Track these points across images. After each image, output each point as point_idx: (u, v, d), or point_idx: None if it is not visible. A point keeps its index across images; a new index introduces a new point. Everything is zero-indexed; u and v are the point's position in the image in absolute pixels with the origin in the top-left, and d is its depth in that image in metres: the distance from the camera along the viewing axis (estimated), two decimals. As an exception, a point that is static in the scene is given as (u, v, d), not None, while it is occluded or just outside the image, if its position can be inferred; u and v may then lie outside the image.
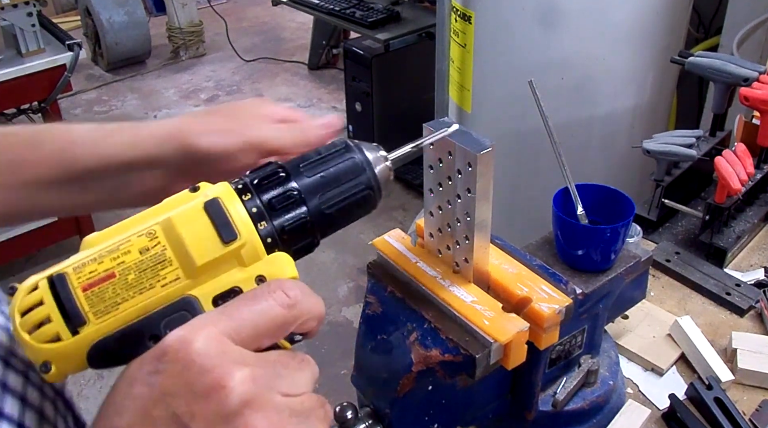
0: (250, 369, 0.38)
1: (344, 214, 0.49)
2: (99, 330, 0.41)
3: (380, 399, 0.67)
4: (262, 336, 0.41)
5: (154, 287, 0.42)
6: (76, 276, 0.42)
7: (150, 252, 0.42)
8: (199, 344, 0.38)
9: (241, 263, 0.44)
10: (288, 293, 0.41)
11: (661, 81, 1.71)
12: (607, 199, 0.78)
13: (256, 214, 0.44)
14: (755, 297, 1.01)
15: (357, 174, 0.49)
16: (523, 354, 0.65)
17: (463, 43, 1.71)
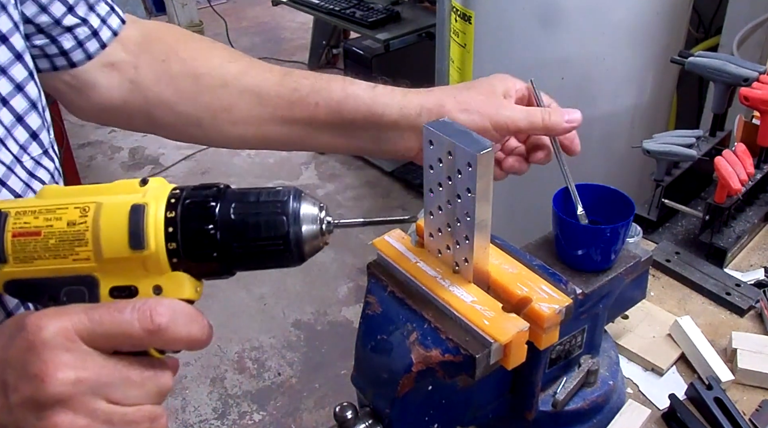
0: (77, 374, 0.42)
1: (253, 260, 0.50)
2: (13, 273, 0.47)
3: (380, 399, 0.67)
4: (117, 345, 0.44)
5: (66, 258, 0.47)
6: (14, 220, 0.47)
7: (75, 227, 0.47)
8: (48, 333, 0.42)
9: (145, 269, 0.48)
10: (155, 318, 0.44)
11: (661, 81, 1.71)
12: (607, 199, 0.78)
13: (171, 233, 0.48)
14: (755, 297, 1.01)
15: (277, 231, 0.49)
16: (523, 354, 0.65)
17: (463, 43, 1.71)
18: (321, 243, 0.52)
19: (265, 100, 0.79)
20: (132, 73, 0.79)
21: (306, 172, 3.41)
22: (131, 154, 3.60)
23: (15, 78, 0.63)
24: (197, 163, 3.49)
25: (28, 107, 0.64)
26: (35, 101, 0.65)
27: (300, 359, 2.39)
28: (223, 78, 0.79)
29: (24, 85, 0.64)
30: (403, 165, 3.22)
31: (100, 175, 3.40)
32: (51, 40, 0.72)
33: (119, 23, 0.78)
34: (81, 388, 0.42)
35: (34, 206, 0.48)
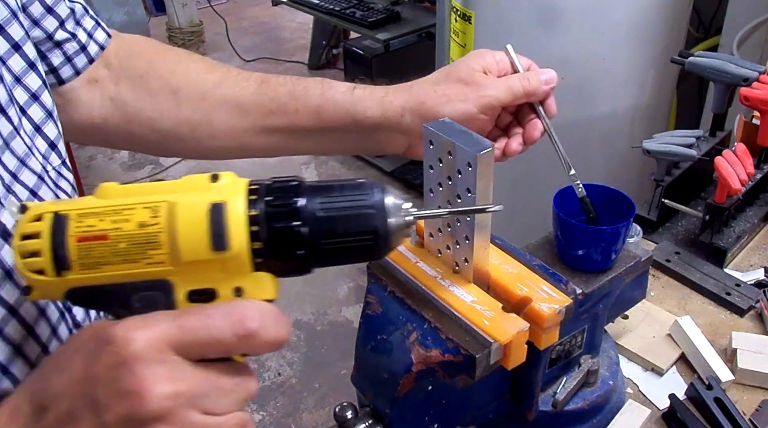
0: (174, 387, 0.40)
1: (341, 256, 0.48)
2: (79, 280, 0.44)
3: (380, 399, 0.67)
4: (206, 353, 0.42)
5: (138, 262, 0.43)
6: (76, 223, 0.43)
7: (146, 229, 0.43)
8: (139, 347, 0.39)
9: (226, 270, 0.44)
10: (246, 323, 0.42)
11: (661, 81, 1.71)
12: (607, 199, 0.78)
13: (255, 232, 0.44)
14: (755, 297, 1.01)
15: (366, 225, 0.47)
16: (523, 354, 0.65)
17: (463, 43, 1.71)
18: (406, 234, 0.49)
19: (244, 110, 0.78)
20: (112, 89, 0.77)
21: (306, 172, 3.41)
22: (131, 154, 3.59)
23: (30, 87, 0.62)
24: (197, 164, 3.49)
25: (45, 117, 0.63)
26: (51, 110, 0.64)
27: (300, 359, 2.39)
28: (200, 90, 0.78)
29: (39, 94, 0.63)
30: (403, 165, 3.22)
31: (100, 176, 3.39)
32: (41, 56, 0.70)
33: (105, 37, 0.77)
34: (179, 402, 0.40)
35: (96, 207, 0.44)
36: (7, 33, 0.60)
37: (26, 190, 0.58)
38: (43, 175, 0.60)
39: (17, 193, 0.56)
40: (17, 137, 0.58)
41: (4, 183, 0.55)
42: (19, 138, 0.58)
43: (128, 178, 3.35)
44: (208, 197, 0.44)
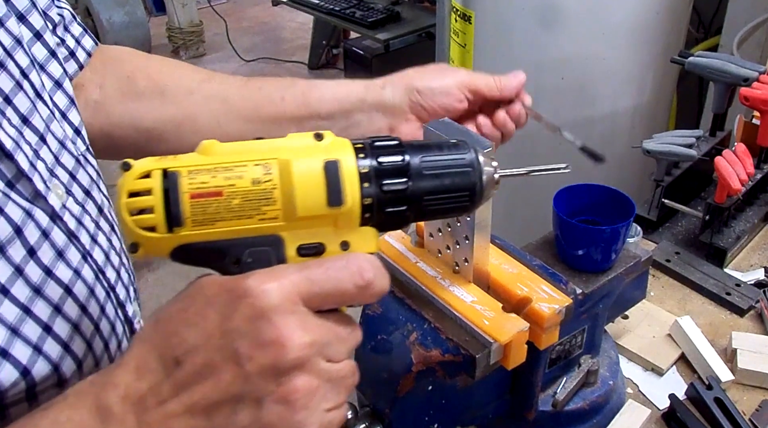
0: (309, 336, 0.41)
1: (440, 212, 0.50)
2: (191, 236, 0.44)
3: (380, 399, 0.67)
4: (328, 303, 0.44)
5: (252, 218, 0.44)
6: (188, 180, 0.44)
7: (261, 185, 0.44)
8: (274, 297, 0.41)
9: (335, 225, 0.46)
10: (364, 274, 0.44)
11: (661, 81, 1.71)
12: (607, 199, 0.78)
13: (366, 188, 0.46)
14: (755, 297, 1.01)
15: (465, 181, 0.49)
16: (523, 354, 0.65)
17: (463, 43, 1.71)
18: (494, 191, 0.52)
19: (230, 103, 0.78)
20: (97, 93, 0.77)
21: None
22: (131, 154, 3.59)
23: (53, 75, 0.63)
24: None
25: (68, 104, 0.64)
26: (72, 98, 0.65)
27: (300, 359, 2.38)
28: (187, 87, 0.78)
29: (62, 81, 0.64)
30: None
31: (100, 175, 3.39)
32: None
33: (92, 44, 0.77)
34: (313, 350, 0.41)
35: (205, 164, 0.44)
36: (29, 22, 0.61)
37: (66, 173, 0.58)
38: (79, 158, 0.61)
39: (59, 176, 0.57)
40: (54, 121, 0.59)
41: (47, 166, 0.56)
42: (56, 122, 0.60)
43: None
44: (321, 155, 0.45)
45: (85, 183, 0.61)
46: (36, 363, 0.49)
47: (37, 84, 0.58)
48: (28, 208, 0.50)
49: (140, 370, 0.41)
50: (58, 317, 0.51)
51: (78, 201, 0.58)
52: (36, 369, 0.48)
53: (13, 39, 0.57)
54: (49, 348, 0.50)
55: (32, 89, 0.57)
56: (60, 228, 0.53)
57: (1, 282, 0.47)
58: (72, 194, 0.58)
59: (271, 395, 0.40)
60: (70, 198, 0.57)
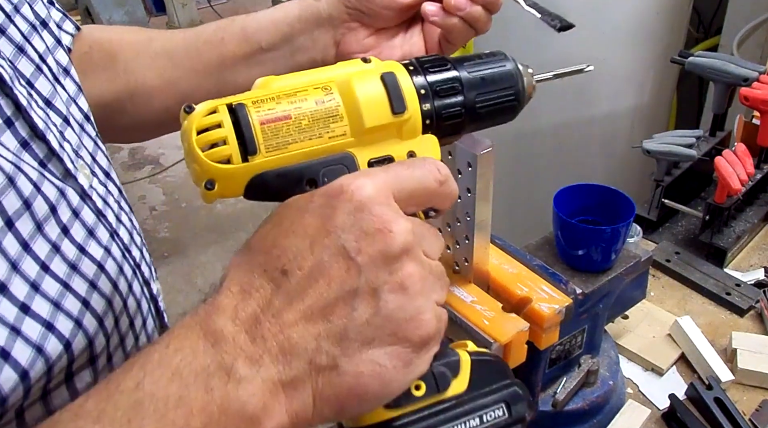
0: (410, 223, 0.41)
1: (491, 115, 0.52)
2: (266, 163, 0.44)
3: (380, 399, 0.67)
4: (414, 201, 0.44)
5: (322, 136, 0.45)
6: (255, 109, 0.45)
7: (325, 104, 0.45)
8: (370, 190, 0.41)
9: (400, 136, 0.48)
10: (441, 170, 0.45)
11: (661, 81, 1.71)
12: (607, 199, 0.78)
13: (423, 95, 0.48)
14: (755, 297, 1.01)
15: (510, 83, 0.52)
16: (523, 354, 0.65)
17: (463, 43, 1.71)
18: (532, 94, 0.54)
19: (176, 57, 0.75)
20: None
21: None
22: (131, 154, 3.60)
23: (61, 62, 0.63)
24: (197, 163, 3.48)
25: (77, 90, 0.64)
26: (80, 85, 0.65)
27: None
28: (135, 49, 0.76)
29: (69, 68, 0.64)
30: (403, 165, 3.22)
31: (100, 175, 3.39)
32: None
33: (74, 27, 0.76)
34: (416, 238, 0.41)
35: (267, 94, 0.45)
36: (36, 11, 0.61)
37: (89, 154, 0.59)
38: (96, 140, 0.61)
39: (84, 157, 0.57)
40: (72, 104, 0.60)
41: (73, 147, 0.56)
42: (75, 106, 0.60)
43: (128, 178, 3.35)
44: (375, 70, 0.47)
45: (104, 165, 0.61)
46: (76, 336, 0.49)
47: (54, 68, 0.59)
48: (61, 187, 0.50)
49: (246, 291, 0.40)
50: (94, 293, 0.51)
51: (101, 181, 0.59)
52: (75, 344, 0.48)
53: (29, 24, 0.57)
54: (88, 323, 0.50)
55: (51, 73, 0.58)
56: (89, 207, 0.53)
57: (41, 259, 0.47)
58: (96, 175, 0.58)
59: (387, 284, 0.40)
60: (94, 178, 0.57)
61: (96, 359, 0.52)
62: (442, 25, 0.69)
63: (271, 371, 0.38)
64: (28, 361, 0.44)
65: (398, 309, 0.40)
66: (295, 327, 0.39)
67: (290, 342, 0.39)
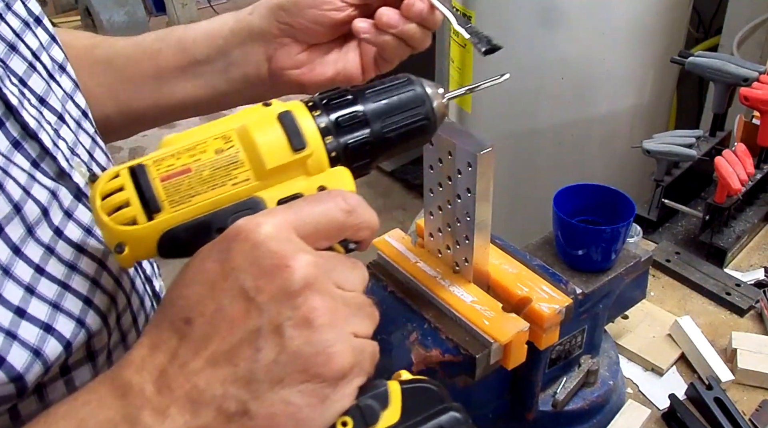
0: (312, 257, 0.40)
1: (402, 139, 0.52)
2: (172, 219, 0.44)
3: (380, 399, 0.67)
4: (321, 235, 0.43)
5: (225, 184, 0.45)
6: (155, 167, 0.45)
7: (224, 152, 0.46)
8: (267, 228, 0.40)
9: (306, 172, 0.48)
10: (347, 200, 0.44)
11: (661, 81, 1.71)
12: (607, 199, 0.78)
13: (324, 129, 0.48)
14: (755, 297, 1.01)
15: (417, 104, 0.52)
16: (523, 354, 0.65)
17: (463, 43, 1.71)
18: (445, 113, 0.54)
19: (114, 66, 0.74)
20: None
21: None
22: (131, 154, 3.60)
23: (57, 59, 0.63)
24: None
25: (74, 87, 0.64)
26: (76, 81, 0.64)
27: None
28: (78, 55, 0.74)
29: (65, 65, 0.64)
30: (403, 165, 3.21)
31: (100, 175, 3.39)
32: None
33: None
34: (320, 270, 0.40)
35: (168, 152, 0.46)
36: (29, 8, 0.61)
37: (86, 152, 0.59)
38: (94, 137, 0.61)
39: (80, 154, 0.57)
40: (69, 101, 0.59)
41: (68, 145, 0.56)
42: (71, 102, 0.60)
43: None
44: (272, 112, 0.47)
45: (102, 161, 0.61)
46: (78, 335, 0.49)
47: (48, 65, 0.58)
48: (53, 188, 0.50)
49: (154, 345, 0.40)
50: (97, 291, 0.52)
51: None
52: (76, 343, 0.49)
53: (21, 21, 0.57)
54: (91, 321, 0.50)
55: (45, 70, 0.57)
56: (85, 205, 0.53)
57: (35, 262, 0.47)
58: (92, 172, 0.58)
59: (290, 320, 0.38)
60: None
61: (96, 355, 0.52)
62: (374, 42, 0.67)
63: (178, 421, 0.38)
64: (24, 365, 0.44)
65: (305, 345, 0.38)
66: (201, 375, 0.38)
67: (197, 391, 0.38)
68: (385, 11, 0.65)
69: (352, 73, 0.70)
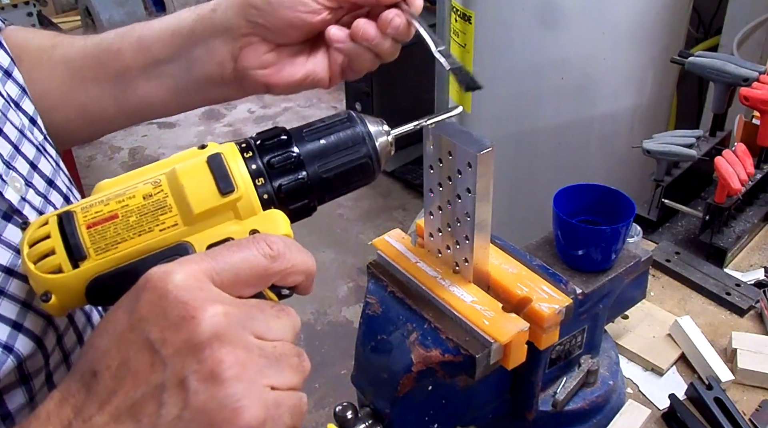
0: (223, 307, 0.39)
1: (342, 180, 0.50)
2: (98, 266, 0.44)
3: (380, 399, 0.67)
4: (243, 283, 0.42)
5: (152, 230, 0.44)
6: (83, 214, 0.44)
7: (153, 198, 0.45)
8: (178, 277, 0.39)
9: (237, 216, 0.46)
10: (271, 245, 0.42)
11: (661, 81, 1.71)
12: (607, 199, 0.78)
13: (255, 171, 0.47)
14: (755, 297, 1.01)
15: (357, 143, 0.50)
16: (523, 354, 0.65)
17: (463, 43, 1.71)
18: (390, 151, 0.52)
19: (75, 67, 0.71)
20: None
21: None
22: (131, 154, 3.60)
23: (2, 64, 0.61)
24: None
25: (20, 93, 0.62)
26: (24, 87, 0.63)
27: (300, 359, 2.38)
28: (38, 57, 0.72)
29: (11, 71, 0.62)
30: (403, 165, 3.22)
31: (100, 175, 3.39)
32: None
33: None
34: (232, 320, 0.38)
35: (98, 198, 0.45)
36: None
37: (27, 163, 0.57)
38: (39, 147, 0.59)
39: (18, 167, 0.55)
40: (11, 110, 0.57)
41: (4, 159, 0.54)
42: (12, 111, 0.58)
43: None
44: (203, 155, 0.46)
45: (47, 172, 0.59)
46: (5, 363, 0.48)
47: None
48: None
49: (63, 398, 0.39)
50: (29, 313, 0.50)
51: (39, 191, 0.57)
52: (4, 369, 0.48)
53: None
54: (21, 345, 0.49)
55: None
56: (16, 224, 0.52)
57: None
58: (32, 185, 0.56)
59: (196, 374, 0.37)
60: (30, 190, 0.55)
61: (30, 378, 0.51)
62: (347, 52, 0.65)
63: None
64: None
65: (210, 400, 0.37)
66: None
67: None
68: (363, 24, 0.63)
69: (321, 77, 0.67)
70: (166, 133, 3.72)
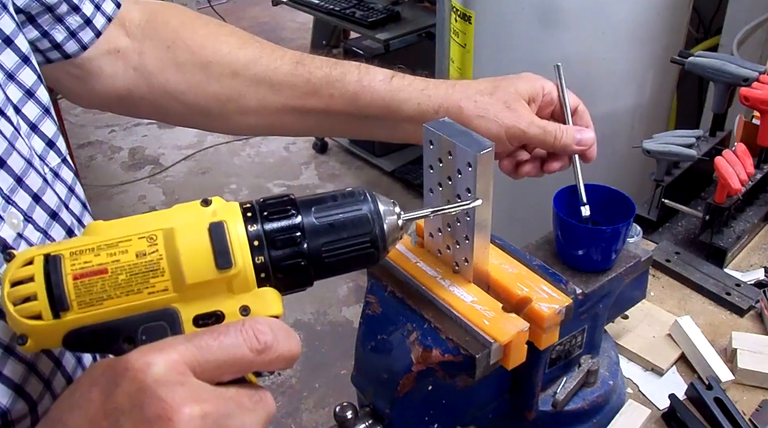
0: (200, 407, 0.38)
1: (342, 264, 0.48)
2: (79, 320, 0.42)
3: (380, 399, 0.67)
4: (224, 373, 0.41)
5: (141, 292, 0.42)
6: (71, 261, 0.42)
7: (146, 257, 0.42)
8: (159, 370, 0.38)
9: (230, 290, 0.44)
10: (259, 337, 0.41)
11: (661, 81, 1.71)
12: (608, 199, 0.78)
13: (257, 247, 0.44)
14: (755, 297, 1.01)
15: (364, 229, 0.48)
16: (523, 354, 0.65)
17: (463, 43, 1.71)
18: (400, 236, 0.51)
19: (277, 89, 0.77)
20: (136, 59, 0.75)
21: (306, 172, 3.41)
22: (131, 154, 3.60)
23: (24, 83, 0.59)
24: (197, 163, 3.49)
25: (41, 114, 0.61)
26: (47, 106, 0.62)
27: (300, 359, 2.37)
28: (232, 67, 0.76)
29: (34, 90, 0.60)
30: (403, 165, 3.22)
31: (100, 175, 3.39)
32: (42, 34, 0.68)
33: (114, 8, 0.74)
34: (208, 422, 0.38)
35: (88, 244, 0.43)
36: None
37: (29, 197, 0.55)
38: (46, 176, 0.58)
39: (18, 201, 0.54)
40: (19, 139, 0.55)
41: (3, 193, 0.52)
42: (21, 139, 0.56)
43: (128, 178, 3.35)
44: (205, 219, 0.44)
45: (52, 204, 0.57)
46: None
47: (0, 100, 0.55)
48: None
49: None
50: (9, 359, 0.48)
51: (39, 227, 0.55)
52: None
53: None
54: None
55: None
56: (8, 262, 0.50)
57: None
58: (32, 220, 0.54)
59: None
60: (29, 225, 0.54)
61: (12, 425, 0.49)
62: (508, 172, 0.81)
63: None
64: None
65: None
66: None
67: None
68: (555, 167, 0.81)
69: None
70: (166, 133, 3.72)
